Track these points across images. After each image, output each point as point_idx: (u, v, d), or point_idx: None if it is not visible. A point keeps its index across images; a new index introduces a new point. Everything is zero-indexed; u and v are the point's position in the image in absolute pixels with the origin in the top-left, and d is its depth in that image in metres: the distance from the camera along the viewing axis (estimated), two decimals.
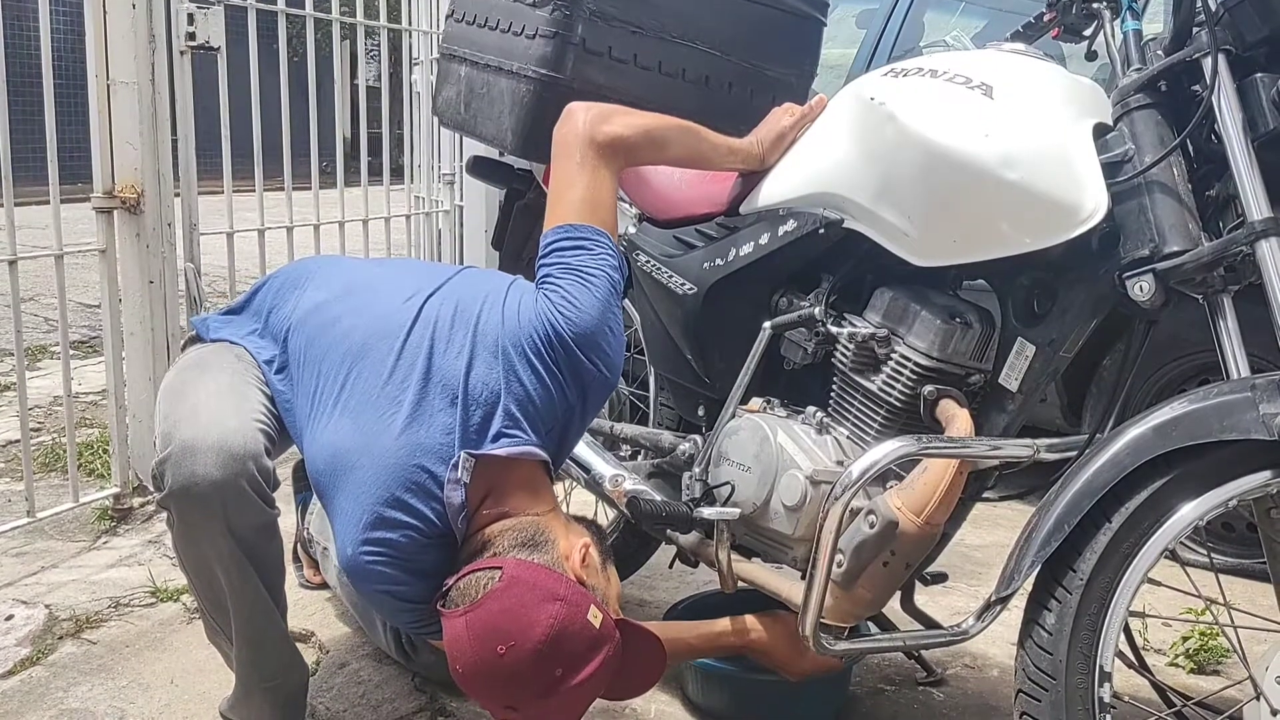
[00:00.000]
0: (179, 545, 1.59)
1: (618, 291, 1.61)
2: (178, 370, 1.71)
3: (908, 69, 1.60)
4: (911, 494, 1.50)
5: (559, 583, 1.45)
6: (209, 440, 1.51)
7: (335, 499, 1.55)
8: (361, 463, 1.52)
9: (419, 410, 1.54)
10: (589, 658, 1.44)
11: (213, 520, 1.52)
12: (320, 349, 1.64)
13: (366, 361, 1.60)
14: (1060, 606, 1.35)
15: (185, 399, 1.60)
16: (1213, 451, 1.29)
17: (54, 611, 2.24)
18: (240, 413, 1.58)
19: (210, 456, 1.50)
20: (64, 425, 2.75)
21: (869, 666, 2.07)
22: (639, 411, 2.28)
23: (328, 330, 1.66)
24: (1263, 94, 1.37)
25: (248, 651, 1.65)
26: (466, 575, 1.47)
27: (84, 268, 5.02)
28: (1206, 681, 2.06)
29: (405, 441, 1.52)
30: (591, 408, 1.63)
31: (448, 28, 2.22)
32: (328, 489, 1.56)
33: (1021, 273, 1.55)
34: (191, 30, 2.80)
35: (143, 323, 2.75)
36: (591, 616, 1.45)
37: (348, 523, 1.52)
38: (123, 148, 2.65)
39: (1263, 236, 1.33)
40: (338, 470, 1.54)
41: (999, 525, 2.81)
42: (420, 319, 1.62)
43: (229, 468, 1.50)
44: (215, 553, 1.55)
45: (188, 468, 1.49)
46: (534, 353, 1.55)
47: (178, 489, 1.50)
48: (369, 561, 1.50)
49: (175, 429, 1.54)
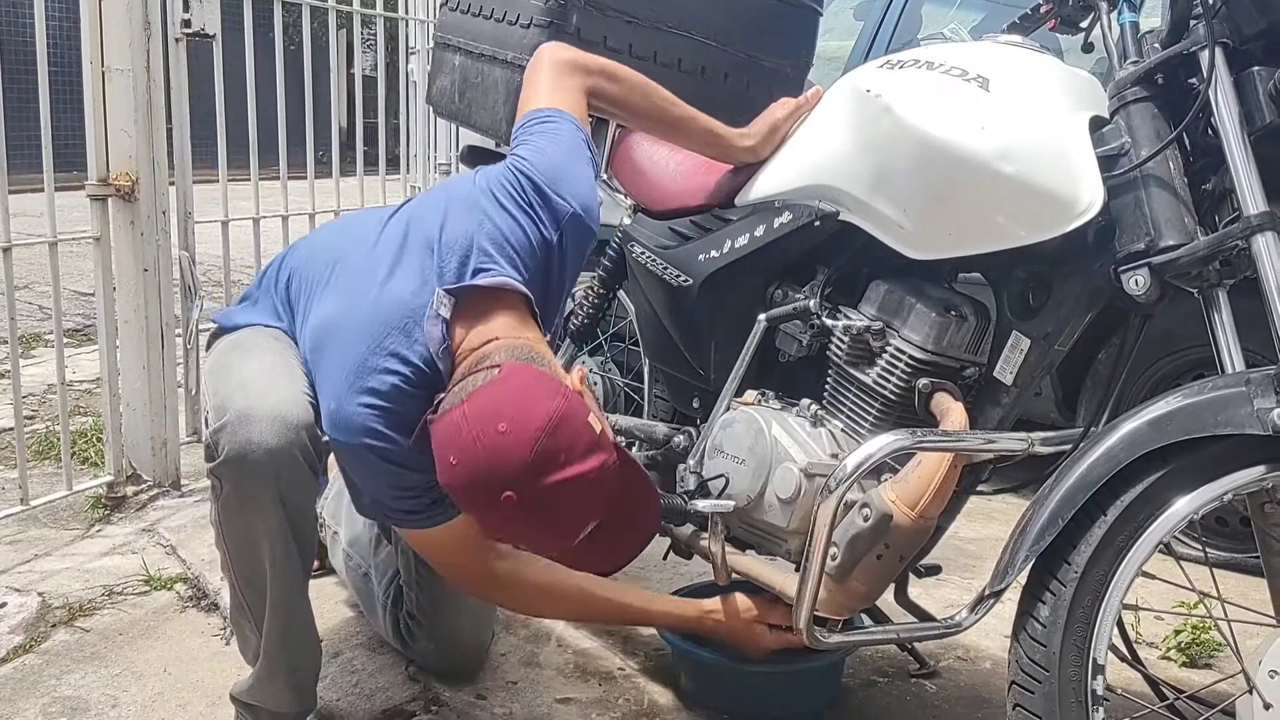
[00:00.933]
0: (225, 517, 1.58)
1: (588, 149, 1.65)
2: (218, 354, 1.72)
3: (904, 60, 1.60)
4: (906, 487, 1.50)
5: (558, 384, 1.42)
6: (264, 409, 1.52)
7: (322, 365, 1.56)
8: (345, 324, 1.55)
9: (397, 266, 1.57)
10: (589, 457, 1.38)
11: (267, 488, 1.52)
12: (312, 271, 1.70)
13: (349, 254, 1.65)
14: (1054, 599, 1.35)
15: (232, 376, 1.61)
16: (1207, 446, 1.29)
17: (47, 599, 2.24)
18: (291, 384, 1.59)
19: (266, 425, 1.50)
20: (58, 413, 2.74)
21: (862, 658, 2.08)
22: (634, 403, 2.28)
23: (316, 257, 1.71)
24: (1260, 88, 1.37)
25: (279, 631, 1.64)
26: (461, 380, 1.45)
27: (78, 255, 5.01)
28: (1199, 675, 2.07)
29: (385, 294, 1.55)
30: (571, 251, 1.64)
31: (443, 17, 2.22)
32: (317, 360, 1.58)
33: (1017, 266, 1.55)
34: (187, 17, 2.79)
35: (137, 311, 2.75)
36: (592, 421, 1.41)
37: (335, 378, 1.53)
38: (118, 135, 2.64)
39: (1258, 231, 1.32)
40: (325, 337, 1.57)
41: (993, 519, 2.82)
42: (399, 213, 1.69)
43: (285, 436, 1.51)
44: (265, 525, 1.55)
45: (244, 435, 1.50)
46: (503, 193, 1.59)
47: (234, 455, 1.50)
48: (354, 412, 1.50)
49: (228, 401, 1.55)
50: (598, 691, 1.93)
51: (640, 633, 2.14)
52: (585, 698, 1.90)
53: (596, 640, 2.11)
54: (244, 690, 1.72)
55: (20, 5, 11.73)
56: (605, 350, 2.33)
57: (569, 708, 1.87)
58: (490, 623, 2.02)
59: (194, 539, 2.51)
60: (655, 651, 2.06)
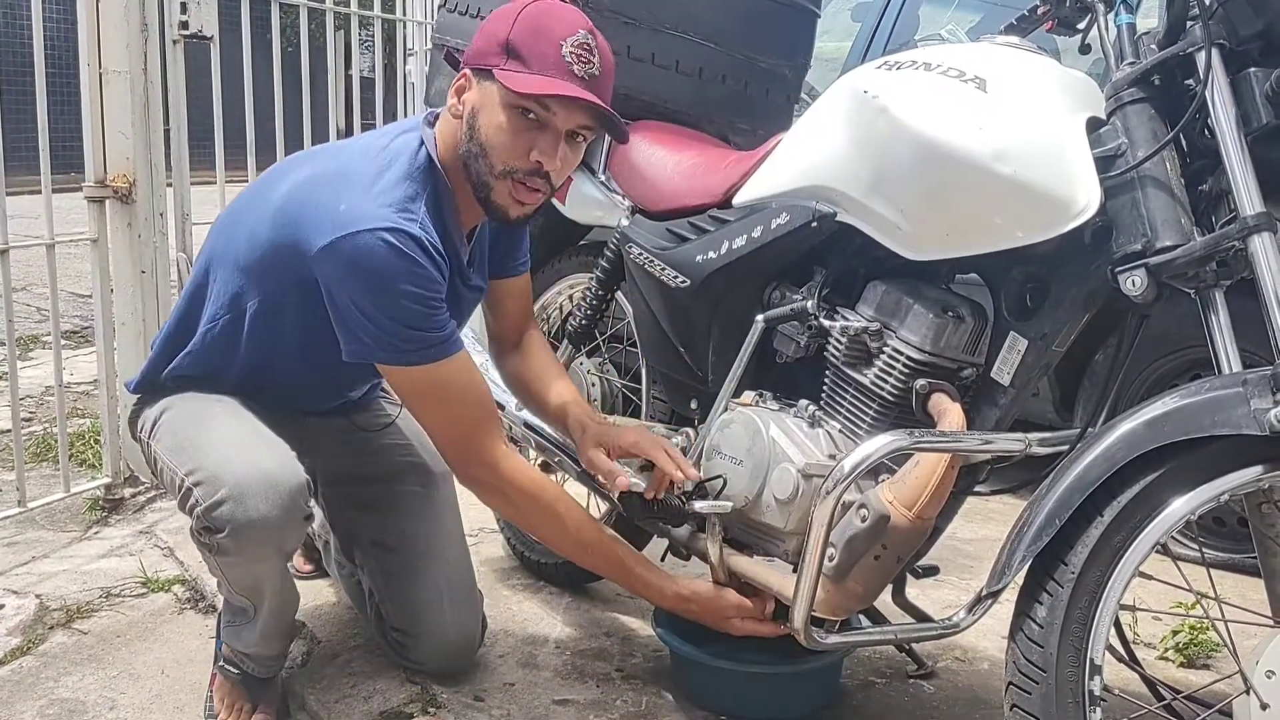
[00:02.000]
0: (223, 565, 1.69)
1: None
2: (169, 425, 1.76)
3: (901, 61, 1.60)
4: (903, 488, 1.50)
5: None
6: (256, 479, 1.59)
7: (323, 202, 1.59)
8: (331, 169, 1.65)
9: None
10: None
11: (269, 550, 1.66)
12: (233, 228, 1.75)
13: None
14: (1051, 600, 1.35)
15: (200, 445, 1.67)
16: (1204, 446, 1.29)
17: (45, 601, 2.24)
18: (270, 446, 1.67)
19: (263, 498, 1.58)
20: (55, 415, 2.74)
21: (859, 659, 2.08)
22: (631, 405, 2.28)
23: (227, 225, 1.78)
24: (1256, 89, 1.37)
25: (276, 617, 1.78)
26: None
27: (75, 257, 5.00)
28: (1196, 675, 2.07)
29: (354, 146, 1.72)
30: None
31: (440, 18, 2.22)
32: (312, 203, 1.61)
33: (1014, 267, 1.55)
34: (185, 19, 2.80)
35: (134, 313, 2.74)
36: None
37: (350, 203, 1.57)
38: (115, 137, 2.64)
39: (1255, 231, 1.32)
40: (314, 186, 1.62)
41: (990, 519, 2.82)
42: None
43: (282, 505, 1.60)
44: (266, 570, 1.69)
45: (244, 512, 1.58)
46: None
47: (238, 529, 1.59)
48: (382, 223, 1.55)
49: (215, 474, 1.61)
50: (595, 693, 1.93)
51: (639, 634, 2.14)
52: (583, 699, 1.90)
53: (595, 642, 2.11)
54: (244, 646, 1.80)
55: (17, 7, 11.73)
56: (603, 351, 2.33)
57: (567, 709, 1.87)
58: (476, 612, 1.99)
59: (191, 541, 2.50)
60: (653, 653, 2.06)
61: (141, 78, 2.65)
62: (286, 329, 1.72)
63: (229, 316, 1.74)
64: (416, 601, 1.91)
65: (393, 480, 1.99)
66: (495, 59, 1.59)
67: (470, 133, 1.64)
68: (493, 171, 1.63)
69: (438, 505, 1.99)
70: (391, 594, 1.93)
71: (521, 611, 2.23)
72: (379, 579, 1.95)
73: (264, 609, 1.75)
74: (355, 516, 2.00)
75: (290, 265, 1.63)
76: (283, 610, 1.80)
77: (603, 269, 2.16)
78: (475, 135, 1.63)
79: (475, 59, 1.63)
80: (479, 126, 1.62)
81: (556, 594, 2.31)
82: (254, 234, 1.68)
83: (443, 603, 1.91)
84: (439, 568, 1.93)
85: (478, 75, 1.63)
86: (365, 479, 2.00)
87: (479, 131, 1.62)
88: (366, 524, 1.98)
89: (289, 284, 1.66)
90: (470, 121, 1.64)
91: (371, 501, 1.98)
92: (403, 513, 1.96)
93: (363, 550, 1.99)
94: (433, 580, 1.92)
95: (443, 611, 1.91)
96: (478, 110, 1.62)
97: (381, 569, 1.95)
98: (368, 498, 1.99)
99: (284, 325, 1.72)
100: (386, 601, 1.94)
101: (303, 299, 1.65)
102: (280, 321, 1.72)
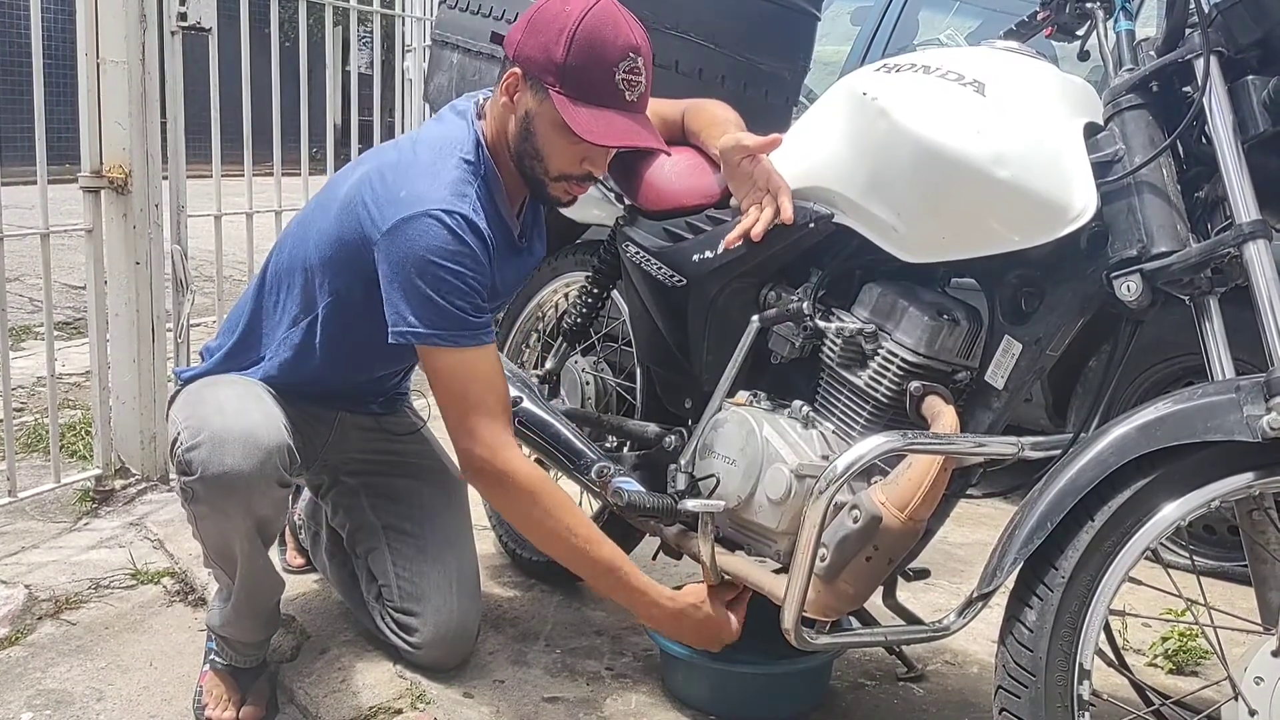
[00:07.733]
0: (197, 517, 1.73)
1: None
2: (187, 391, 1.85)
3: (900, 64, 1.61)
4: (896, 489, 1.50)
5: None
6: (237, 432, 1.66)
7: (390, 183, 1.69)
8: (394, 159, 1.73)
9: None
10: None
11: (237, 506, 1.68)
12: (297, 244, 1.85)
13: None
14: (1041, 604, 1.36)
15: (206, 402, 1.76)
16: (1196, 452, 1.30)
17: (33, 592, 2.23)
18: (262, 408, 1.74)
19: (239, 448, 1.65)
20: (47, 406, 2.73)
21: (849, 661, 2.08)
22: (626, 404, 2.27)
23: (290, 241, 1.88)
24: (1254, 96, 1.37)
25: (248, 590, 1.80)
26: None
27: (70, 248, 4.99)
28: (1185, 682, 2.07)
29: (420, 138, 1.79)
30: None
31: (440, 14, 2.22)
32: (385, 183, 1.70)
33: (1010, 270, 1.56)
34: (183, 10, 2.78)
35: (128, 304, 2.74)
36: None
37: (413, 186, 1.67)
38: (111, 127, 2.64)
39: (1250, 239, 1.33)
40: (381, 173, 1.71)
41: (982, 523, 2.82)
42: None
43: (257, 459, 1.65)
44: (234, 528, 1.71)
45: (218, 456, 1.64)
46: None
47: (210, 477, 1.65)
48: (444, 207, 1.64)
49: (204, 422, 1.69)
50: (585, 691, 1.92)
51: (629, 633, 2.14)
52: (573, 697, 1.90)
53: (585, 640, 2.11)
54: (219, 625, 1.85)
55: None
56: (598, 350, 2.33)
57: (556, 707, 1.87)
58: (479, 609, 2.00)
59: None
60: (643, 652, 2.06)
61: (139, 69, 2.64)
62: (362, 326, 1.78)
63: (306, 320, 1.84)
64: (428, 581, 1.95)
65: (415, 478, 2.06)
66: (550, 78, 1.65)
67: (525, 135, 1.72)
68: (548, 174, 1.75)
69: (455, 507, 2.06)
70: (401, 572, 1.96)
71: (512, 609, 2.23)
72: (389, 561, 1.98)
73: (237, 580, 1.78)
74: (375, 504, 2.04)
75: (359, 259, 1.72)
76: (256, 589, 1.81)
77: (599, 268, 2.16)
78: (530, 139, 1.72)
79: (530, 67, 1.68)
80: (534, 134, 1.71)
81: (547, 592, 2.31)
82: (322, 234, 1.79)
83: (452, 587, 1.95)
84: (453, 555, 1.99)
85: (530, 82, 1.69)
86: (389, 473, 2.06)
87: (535, 139, 1.71)
88: (385, 511, 2.02)
89: (358, 280, 1.74)
90: (525, 124, 1.71)
91: (392, 494, 2.04)
92: (424, 507, 2.03)
93: (374, 536, 2.01)
94: (446, 565, 1.97)
95: (451, 595, 1.94)
96: (533, 117, 1.70)
97: (394, 551, 1.99)
98: (389, 490, 2.05)
99: (357, 322, 1.79)
100: (394, 581, 1.96)
101: (369, 295, 1.72)
102: (352, 318, 1.80)
